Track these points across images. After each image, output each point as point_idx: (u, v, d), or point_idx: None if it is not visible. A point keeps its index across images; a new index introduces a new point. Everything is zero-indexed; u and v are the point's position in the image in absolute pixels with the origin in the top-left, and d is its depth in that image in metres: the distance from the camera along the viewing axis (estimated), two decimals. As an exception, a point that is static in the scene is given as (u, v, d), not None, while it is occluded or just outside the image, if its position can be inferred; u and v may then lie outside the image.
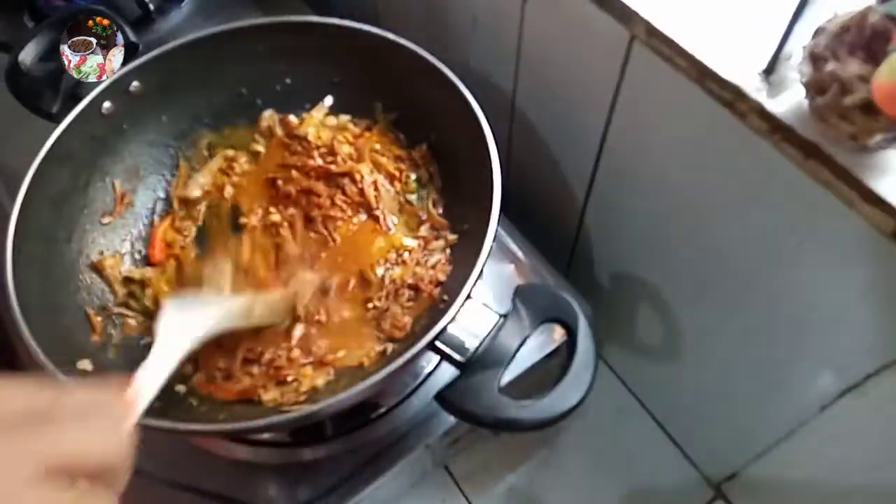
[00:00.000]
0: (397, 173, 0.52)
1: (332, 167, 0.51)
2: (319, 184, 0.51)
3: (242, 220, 0.52)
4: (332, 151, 0.52)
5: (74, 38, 0.46)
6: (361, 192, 0.51)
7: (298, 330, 0.46)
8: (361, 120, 0.55)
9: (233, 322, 0.43)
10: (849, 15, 0.31)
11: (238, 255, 0.50)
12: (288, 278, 0.48)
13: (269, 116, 0.55)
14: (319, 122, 0.55)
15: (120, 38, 0.47)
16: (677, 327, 0.55)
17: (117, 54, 0.47)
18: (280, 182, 0.52)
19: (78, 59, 0.46)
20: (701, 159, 0.42)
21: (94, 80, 0.47)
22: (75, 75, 0.46)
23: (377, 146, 0.53)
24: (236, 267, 0.49)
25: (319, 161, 0.52)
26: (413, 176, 0.52)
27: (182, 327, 0.39)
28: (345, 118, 0.55)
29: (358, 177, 0.51)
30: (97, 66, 0.47)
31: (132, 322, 0.47)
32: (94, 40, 0.47)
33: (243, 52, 0.53)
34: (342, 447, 0.48)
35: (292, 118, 0.55)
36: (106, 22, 0.48)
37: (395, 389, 0.50)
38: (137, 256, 0.51)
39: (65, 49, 0.46)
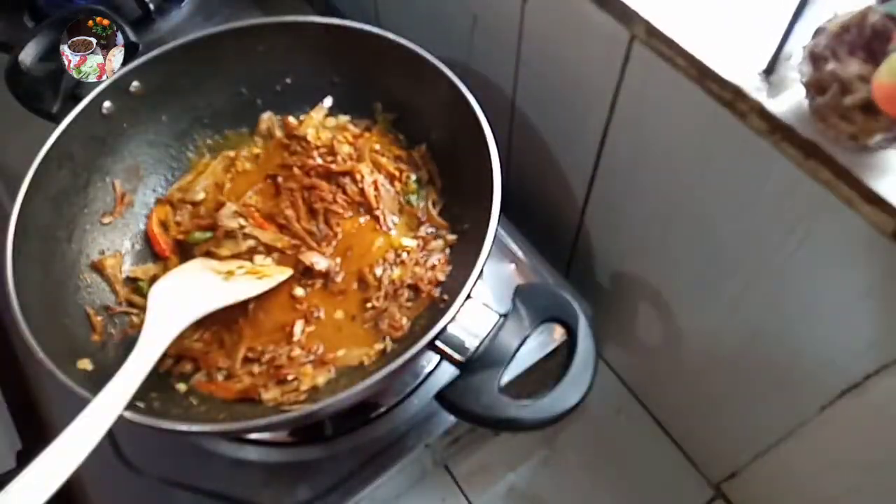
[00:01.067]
0: (397, 173, 0.52)
1: (333, 166, 0.51)
2: (322, 181, 0.51)
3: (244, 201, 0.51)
4: (331, 151, 0.52)
5: (74, 38, 0.46)
6: (362, 191, 0.51)
7: (299, 326, 0.46)
8: (361, 120, 0.55)
9: (222, 303, 0.43)
10: (849, 15, 0.31)
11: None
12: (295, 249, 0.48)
13: (267, 118, 0.55)
14: (319, 123, 0.55)
15: (120, 38, 0.47)
16: (677, 327, 0.55)
17: (117, 54, 0.47)
18: (281, 179, 0.52)
19: (78, 59, 0.46)
20: (701, 159, 0.42)
21: (94, 80, 0.47)
22: (75, 75, 0.46)
23: (377, 146, 0.53)
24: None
25: (319, 160, 0.52)
26: (413, 176, 0.52)
27: (170, 312, 0.40)
28: (344, 118, 0.55)
29: (358, 176, 0.51)
30: (97, 66, 0.46)
31: (135, 319, 0.47)
32: (94, 40, 0.47)
33: (243, 52, 0.53)
34: (342, 447, 0.48)
35: (291, 119, 0.55)
36: (106, 22, 0.48)
37: (395, 389, 0.50)
38: (138, 256, 0.51)
39: (65, 49, 0.46)
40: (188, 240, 0.50)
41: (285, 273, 0.47)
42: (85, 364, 0.42)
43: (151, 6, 0.68)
